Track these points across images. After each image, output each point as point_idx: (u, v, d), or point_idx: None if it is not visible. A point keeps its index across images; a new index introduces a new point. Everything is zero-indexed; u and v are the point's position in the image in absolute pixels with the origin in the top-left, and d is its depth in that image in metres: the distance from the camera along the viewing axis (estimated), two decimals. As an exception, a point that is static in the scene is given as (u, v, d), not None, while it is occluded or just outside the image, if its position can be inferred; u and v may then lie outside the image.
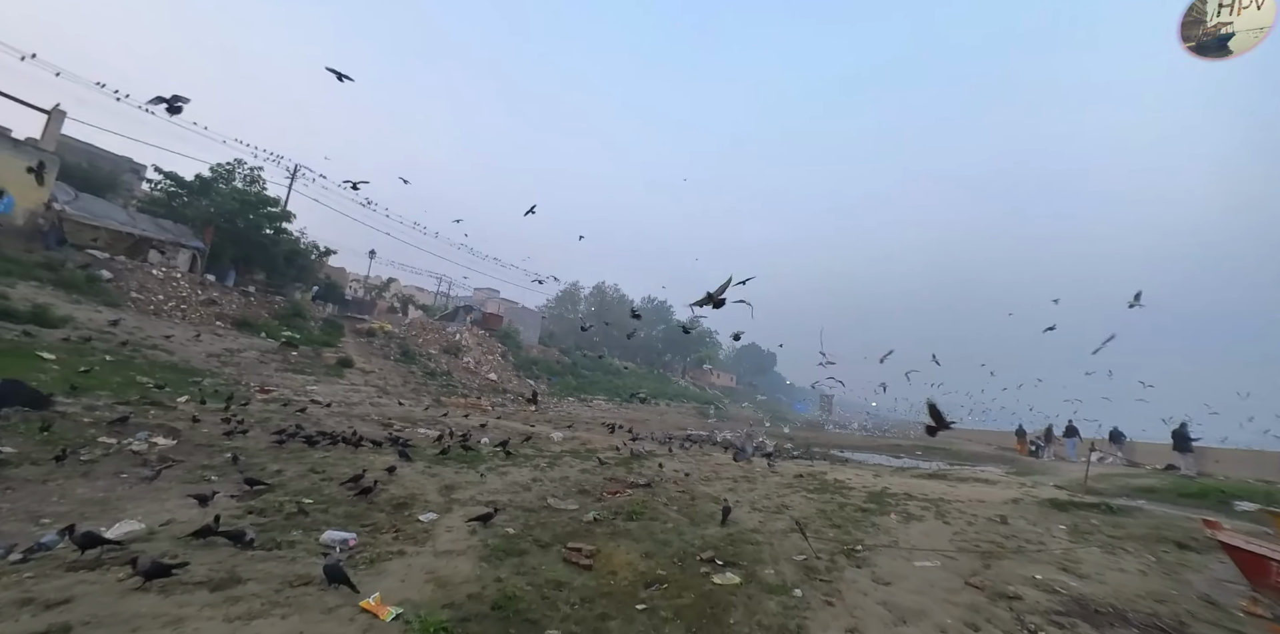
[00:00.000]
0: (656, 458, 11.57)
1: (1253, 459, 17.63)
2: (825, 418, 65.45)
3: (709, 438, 21.95)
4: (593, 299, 67.07)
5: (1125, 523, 8.14)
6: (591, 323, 47.57)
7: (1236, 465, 17.20)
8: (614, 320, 69.22)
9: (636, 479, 9.00)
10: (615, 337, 67.45)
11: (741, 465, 11.41)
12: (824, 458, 17.14)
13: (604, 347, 60.41)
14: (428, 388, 24.93)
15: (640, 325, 72.60)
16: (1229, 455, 17.96)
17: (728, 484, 9.31)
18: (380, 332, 29.92)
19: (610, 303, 68.50)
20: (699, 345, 69.59)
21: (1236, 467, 17.12)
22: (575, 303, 69.20)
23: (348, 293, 34.55)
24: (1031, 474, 16.80)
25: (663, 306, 73.09)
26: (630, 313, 13.63)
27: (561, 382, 37.24)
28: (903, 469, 12.44)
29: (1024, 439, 27.20)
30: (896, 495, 8.25)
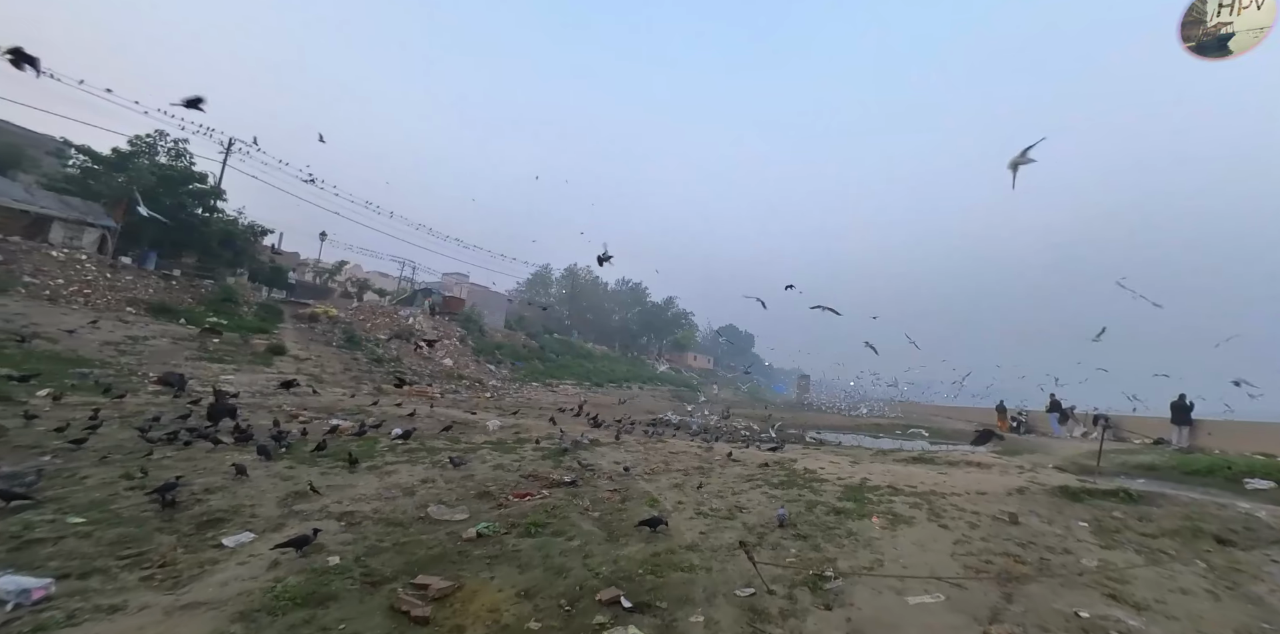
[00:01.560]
0: (600, 447, 9.84)
1: (1250, 431, 16.53)
2: (803, 398, 64.56)
3: (678, 422, 20.33)
4: (564, 282, 64.86)
5: (1151, 514, 6.64)
6: (546, 305, 45.50)
7: (1232, 438, 16.09)
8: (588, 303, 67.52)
9: (561, 476, 7.25)
10: (589, 320, 65.67)
11: (699, 454, 9.74)
12: (800, 440, 15.59)
13: (575, 330, 58.55)
14: (372, 375, 22.87)
15: (615, 308, 71.04)
16: (1223, 428, 16.85)
17: (676, 478, 7.61)
18: (324, 316, 27.64)
19: (583, 286, 66.42)
20: (675, 327, 68.06)
21: (1232, 440, 16.00)
22: (547, 286, 66.97)
23: (292, 277, 32.01)
24: (1019, 453, 15.50)
25: (638, 289, 71.28)
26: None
27: (527, 366, 35.35)
28: (884, 452, 10.88)
29: (1005, 415, 26.18)
30: (879, 489, 6.62)
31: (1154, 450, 15.75)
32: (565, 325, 58.61)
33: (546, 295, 67.49)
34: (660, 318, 67.12)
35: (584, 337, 57.03)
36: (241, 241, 30.52)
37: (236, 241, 29.91)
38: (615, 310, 70.50)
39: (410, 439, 8.95)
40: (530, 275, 66.27)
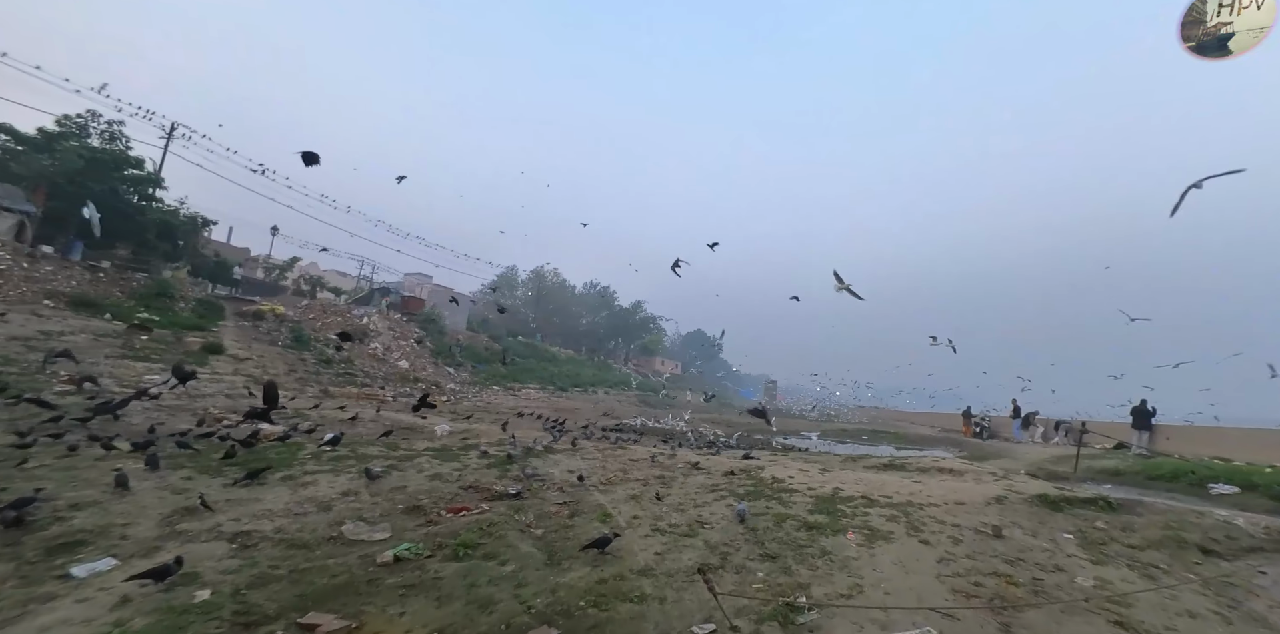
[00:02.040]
0: (554, 454, 9.11)
1: (1208, 436, 16.80)
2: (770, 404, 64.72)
3: (643, 427, 19.68)
4: (530, 284, 63.68)
5: (1133, 523, 6.28)
6: (504, 307, 44.31)
7: (1191, 443, 16.31)
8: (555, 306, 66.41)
9: (505, 487, 6.51)
10: (556, 323, 64.55)
11: (661, 461, 9.09)
12: (766, 446, 15.10)
13: (541, 333, 57.44)
14: (319, 377, 21.58)
15: (582, 312, 70.07)
16: (1182, 432, 17.10)
17: (634, 489, 6.95)
18: (270, 314, 26.11)
19: (550, 288, 65.34)
20: (643, 331, 67.48)
21: (1191, 444, 16.22)
22: (513, 288, 65.60)
23: (238, 272, 30.22)
24: (987, 458, 15.38)
25: (606, 292, 70.51)
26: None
27: (489, 369, 34.21)
28: (853, 459, 10.43)
29: (969, 421, 26.38)
30: (852, 499, 6.07)
31: (1117, 455, 15.85)
32: (531, 328, 57.42)
33: (512, 297, 66.12)
34: (628, 322, 66.45)
35: (550, 340, 55.98)
36: (182, 233, 28.74)
37: (176, 233, 28.13)
38: (583, 314, 69.58)
39: (340, 446, 8.06)
40: (496, 276, 64.86)
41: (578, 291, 70.31)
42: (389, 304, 35.78)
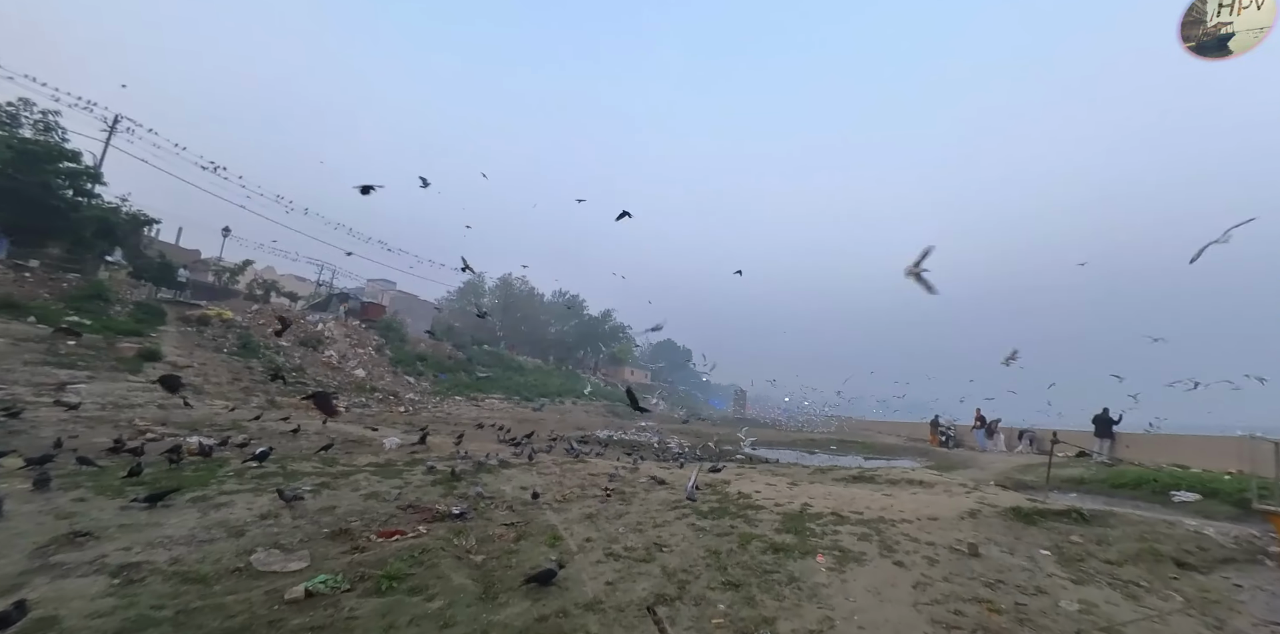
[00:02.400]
0: (508, 469, 8.55)
1: (1165, 444, 17.12)
2: (740, 413, 64.75)
3: (608, 439, 19.14)
4: (498, 292, 62.60)
5: (1108, 536, 6.08)
6: (484, 311, 43.36)
7: (1150, 450, 16.58)
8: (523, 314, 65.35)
9: (449, 507, 5.95)
10: (524, 332, 63.46)
11: (623, 475, 8.61)
12: (735, 457, 14.74)
13: (507, 342, 56.39)
14: (266, 386, 20.41)
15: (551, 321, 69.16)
16: (1141, 440, 17.39)
17: (590, 507, 6.46)
18: (217, 320, 24.79)
19: (518, 296, 64.32)
20: (612, 340, 66.93)
21: (1150, 452, 16.48)
22: (479, 295, 64.35)
23: (183, 274, 28.62)
24: (954, 468, 15.30)
25: (575, 301, 69.80)
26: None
27: (452, 379, 33.18)
28: (822, 470, 10.12)
29: (936, 430, 26.57)
30: (822, 516, 5.71)
31: (1080, 463, 16.00)
32: (498, 336, 56.33)
33: (479, 305, 64.90)
34: (597, 331, 65.84)
35: (518, 349, 54.95)
36: (123, 232, 27.17)
37: (116, 232, 26.57)
38: (551, 322, 68.69)
39: (270, 461, 7.36)
40: (462, 284, 63.58)
41: (546, 300, 69.47)
42: (347, 310, 34.50)
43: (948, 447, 25.38)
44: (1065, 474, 13.85)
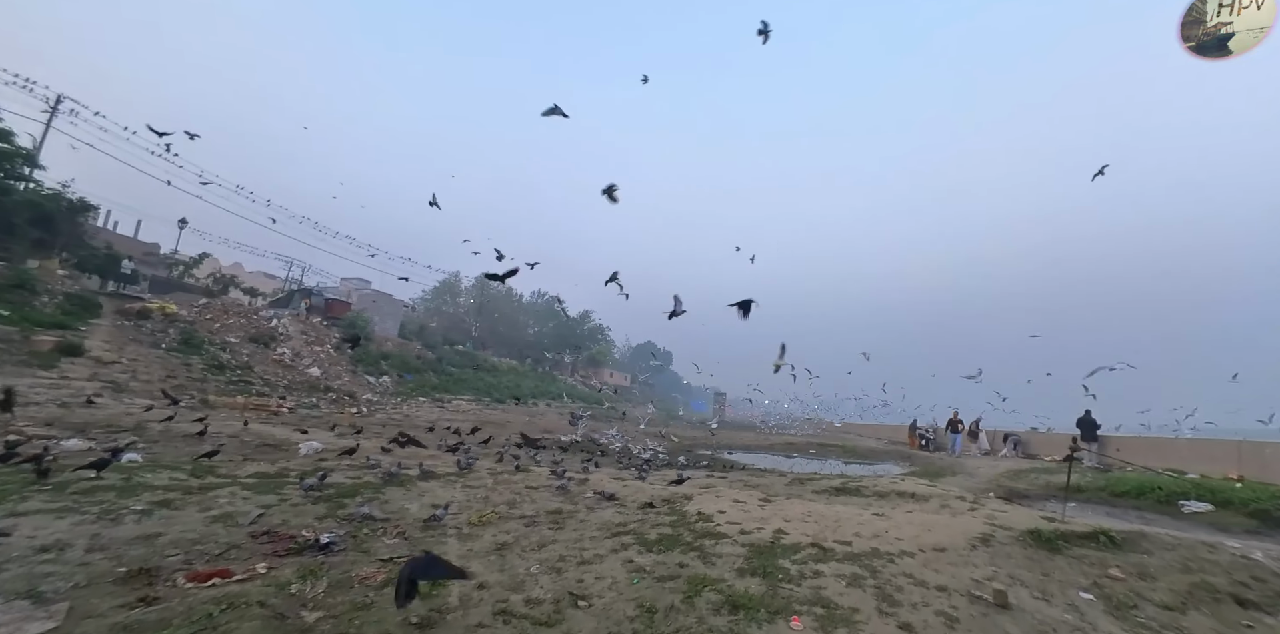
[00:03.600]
0: (429, 480, 7.20)
1: (1156, 447, 16.27)
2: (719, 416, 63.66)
3: (570, 443, 17.80)
4: (473, 291, 60.86)
5: (1148, 566, 4.94)
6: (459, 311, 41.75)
7: (1140, 454, 15.69)
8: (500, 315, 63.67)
9: (318, 534, 4.59)
10: (501, 332, 61.72)
11: (568, 488, 7.31)
12: (708, 464, 13.48)
13: (483, 342, 54.67)
14: (204, 384, 18.73)
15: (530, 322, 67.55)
16: (1131, 444, 16.51)
17: (509, 533, 5.14)
18: (159, 313, 22.95)
19: (494, 297, 62.63)
20: (590, 342, 65.50)
21: (1140, 456, 15.58)
22: (455, 295, 62.57)
23: (128, 266, 26.58)
24: (941, 475, 14.24)
25: (554, 302, 68.31)
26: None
27: (418, 379, 31.52)
28: (801, 480, 8.88)
29: (915, 433, 25.70)
30: (798, 549, 4.44)
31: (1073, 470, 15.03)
32: (473, 337, 54.58)
33: (454, 305, 63.11)
34: (575, 332, 64.36)
35: (495, 350, 53.23)
36: (64, 220, 25.22)
37: (55, 219, 24.63)
38: (530, 324, 67.12)
39: (119, 470, 5.91)
40: (438, 283, 61.74)
41: (525, 300, 67.91)
42: (309, 307, 32.67)
43: (928, 450, 24.47)
44: (1057, 481, 12.84)
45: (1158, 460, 15.04)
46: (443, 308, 61.83)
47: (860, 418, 41.29)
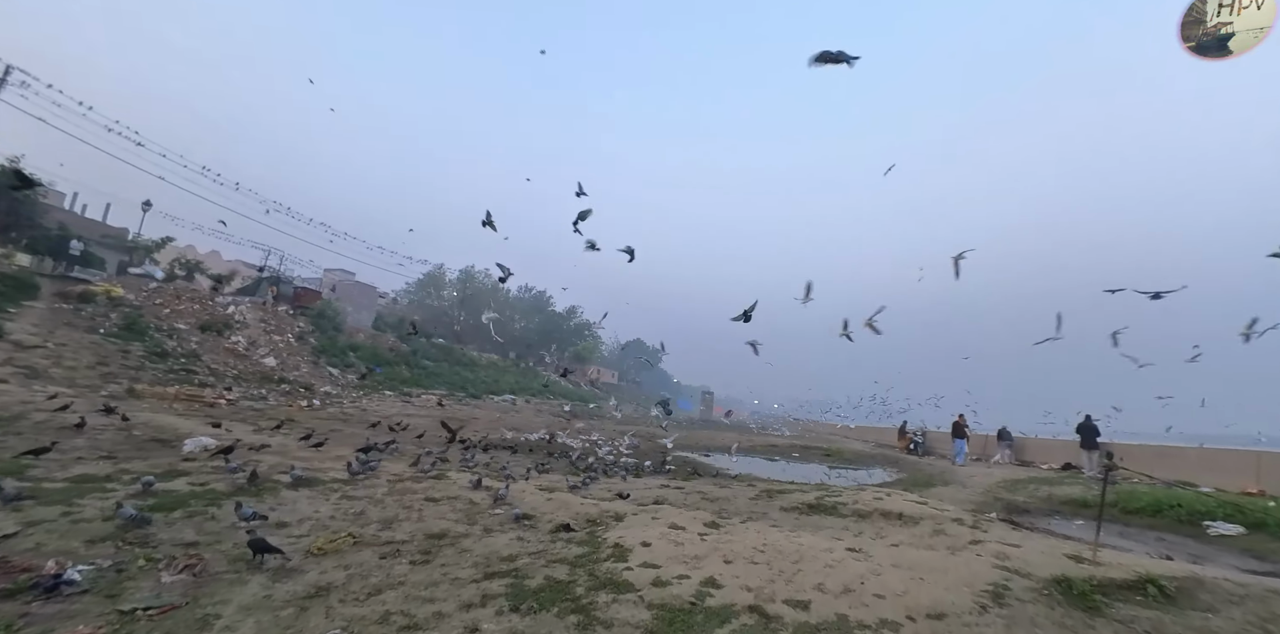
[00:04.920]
0: (299, 490, 5.77)
1: (1164, 456, 15.01)
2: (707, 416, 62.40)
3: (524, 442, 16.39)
4: (458, 284, 59.25)
5: (1217, 632, 3.60)
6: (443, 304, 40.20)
7: (1145, 464, 14.39)
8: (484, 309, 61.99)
9: (64, 564, 3.19)
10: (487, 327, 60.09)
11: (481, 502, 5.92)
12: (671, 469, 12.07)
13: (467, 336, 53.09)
14: (138, 373, 17.22)
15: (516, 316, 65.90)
16: (1135, 452, 15.21)
17: (356, 566, 3.78)
18: (104, 297, 21.38)
19: (479, 290, 60.99)
20: (576, 338, 64.03)
21: (1146, 465, 14.27)
22: (440, 288, 60.86)
23: (76, 246, 24.87)
24: (931, 484, 12.93)
25: (540, 297, 66.82)
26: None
27: (388, 372, 30.02)
28: (770, 494, 7.47)
29: (905, 436, 24.46)
30: (728, 616, 2.99)
31: (1073, 479, 13.76)
32: (455, 331, 52.99)
33: (439, 298, 61.40)
34: (561, 328, 62.86)
35: (480, 345, 51.58)
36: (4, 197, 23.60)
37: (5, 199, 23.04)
38: (516, 318, 65.47)
39: None
40: (422, 275, 60.02)
41: (512, 295, 66.24)
42: (275, 295, 31.07)
43: (917, 454, 23.21)
44: (1063, 493, 11.54)
45: (1166, 471, 13.77)
46: (426, 300, 60.14)
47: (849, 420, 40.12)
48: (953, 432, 19.44)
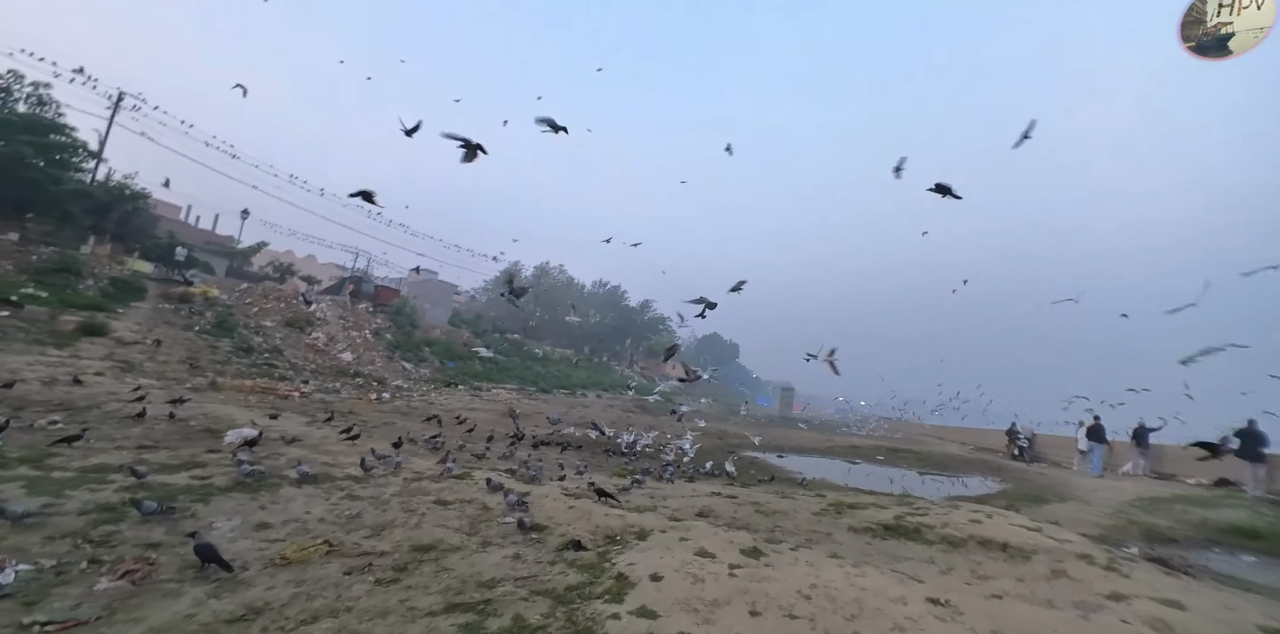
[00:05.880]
0: (302, 487, 5.33)
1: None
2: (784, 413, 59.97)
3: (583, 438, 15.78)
4: (533, 281, 60.28)
5: None
6: (519, 291, 40.82)
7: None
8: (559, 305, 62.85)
9: (2, 566, 2.76)
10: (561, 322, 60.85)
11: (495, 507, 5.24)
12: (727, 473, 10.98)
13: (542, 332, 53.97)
14: (224, 367, 18.25)
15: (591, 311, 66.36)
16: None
17: (312, 583, 3.18)
18: (201, 298, 23.05)
19: (555, 286, 61.86)
20: (651, 332, 63.46)
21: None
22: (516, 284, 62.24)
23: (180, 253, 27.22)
24: (1041, 498, 11.04)
25: (615, 292, 66.81)
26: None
27: (461, 366, 30.70)
28: (838, 508, 6.25)
29: (1011, 440, 21.80)
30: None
31: (1234, 500, 11.08)
32: (530, 326, 54.00)
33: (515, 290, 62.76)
34: (635, 322, 62.51)
35: (552, 340, 52.31)
36: (124, 208, 26.11)
37: (113, 208, 25.49)
38: (591, 313, 65.91)
39: None
40: (499, 273, 61.71)
41: (587, 290, 66.73)
42: (353, 293, 32.66)
43: (1023, 460, 20.56)
44: (1216, 519, 9.20)
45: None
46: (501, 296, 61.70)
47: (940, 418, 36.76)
48: (1088, 434, 16.82)
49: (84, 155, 24.54)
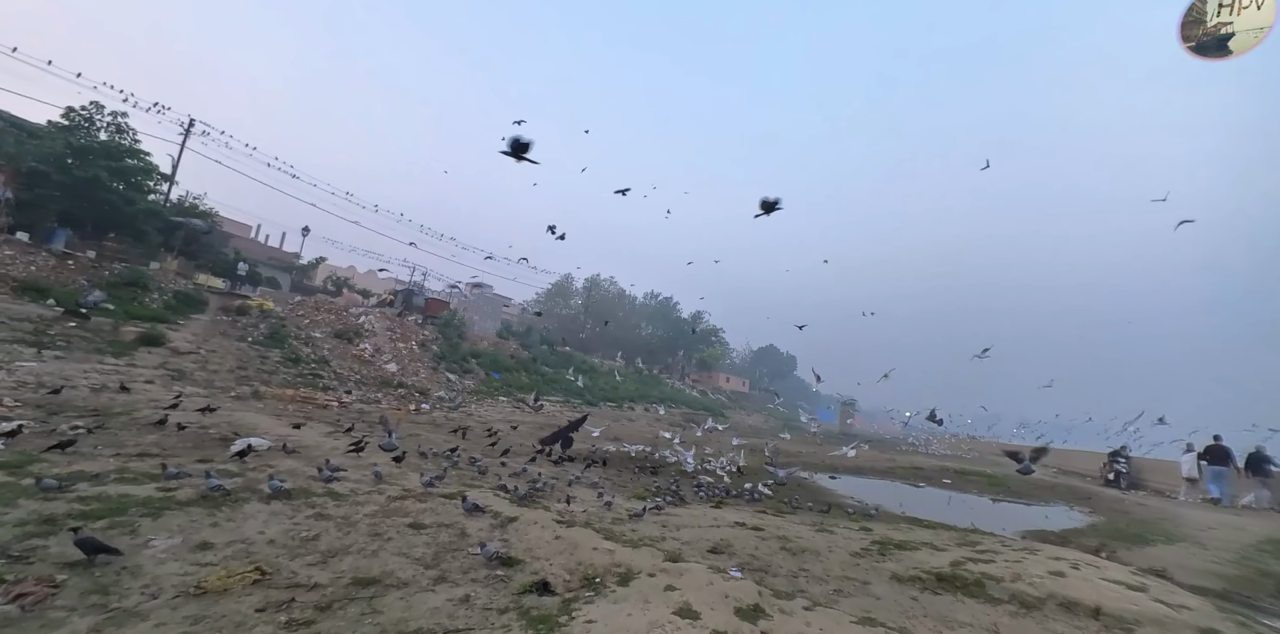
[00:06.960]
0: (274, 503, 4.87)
1: None
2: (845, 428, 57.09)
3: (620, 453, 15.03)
4: (583, 293, 60.58)
5: None
6: (546, 311, 40.99)
7: None
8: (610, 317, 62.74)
9: None
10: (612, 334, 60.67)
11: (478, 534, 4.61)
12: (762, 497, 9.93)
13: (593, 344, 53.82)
14: (271, 376, 18.70)
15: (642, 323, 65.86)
16: None
17: (208, 622, 2.55)
18: (257, 310, 24.00)
19: (606, 297, 61.89)
20: (703, 344, 62.24)
21: None
22: (568, 297, 62.72)
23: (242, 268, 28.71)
24: (1138, 538, 9.43)
25: (667, 303, 66.12)
26: None
27: (506, 378, 30.69)
28: (886, 546, 5.18)
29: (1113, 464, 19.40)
30: None
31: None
32: (580, 338, 53.98)
33: (567, 307, 63.22)
34: (687, 334, 61.49)
35: (603, 352, 52.03)
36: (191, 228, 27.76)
37: (181, 226, 27.13)
38: (641, 325, 65.43)
39: None
40: (550, 285, 62.36)
41: (638, 302, 66.40)
42: (393, 303, 33.48)
43: (1119, 486, 18.27)
44: None
45: None
46: (554, 309, 62.15)
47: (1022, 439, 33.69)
48: (1211, 457, 14.71)
49: (157, 178, 26.24)
